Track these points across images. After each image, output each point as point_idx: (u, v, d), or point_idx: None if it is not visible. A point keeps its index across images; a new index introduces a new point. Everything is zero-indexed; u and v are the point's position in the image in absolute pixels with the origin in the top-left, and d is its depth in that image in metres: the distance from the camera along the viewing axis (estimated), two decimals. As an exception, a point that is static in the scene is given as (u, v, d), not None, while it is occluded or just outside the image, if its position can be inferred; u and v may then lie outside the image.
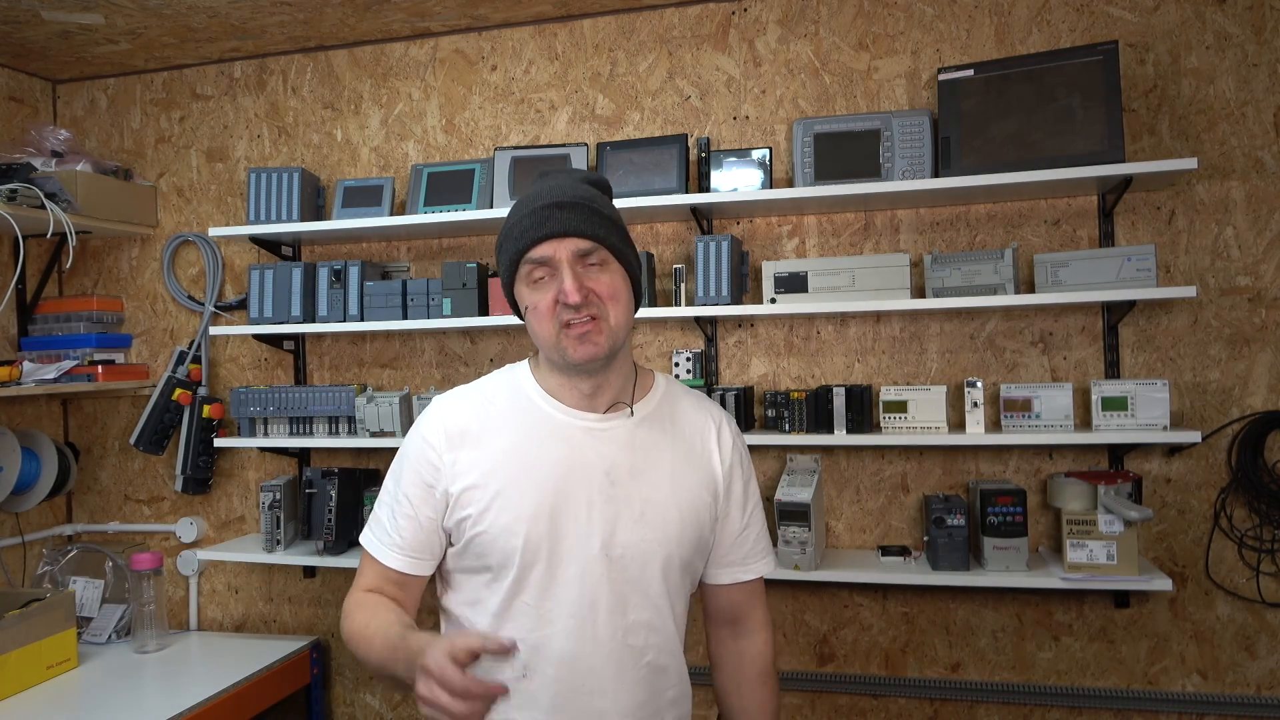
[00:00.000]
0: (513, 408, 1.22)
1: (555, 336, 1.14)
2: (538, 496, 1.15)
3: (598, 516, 1.17)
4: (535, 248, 1.13)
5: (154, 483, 2.88)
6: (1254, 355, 2.13)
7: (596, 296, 1.14)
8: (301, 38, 2.65)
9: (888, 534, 2.34)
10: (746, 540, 1.33)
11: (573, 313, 1.12)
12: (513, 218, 1.17)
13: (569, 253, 1.13)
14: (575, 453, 1.18)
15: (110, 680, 2.29)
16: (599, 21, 2.53)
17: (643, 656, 1.19)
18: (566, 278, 1.11)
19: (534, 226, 1.13)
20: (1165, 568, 2.16)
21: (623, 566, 1.17)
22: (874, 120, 2.21)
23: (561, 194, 1.15)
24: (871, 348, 2.35)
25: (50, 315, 2.79)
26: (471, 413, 1.21)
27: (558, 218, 1.12)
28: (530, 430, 1.20)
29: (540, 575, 1.16)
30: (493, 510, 1.15)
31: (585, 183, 1.20)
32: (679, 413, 1.29)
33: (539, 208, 1.14)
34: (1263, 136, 2.12)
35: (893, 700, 2.33)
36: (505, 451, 1.18)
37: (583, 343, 1.13)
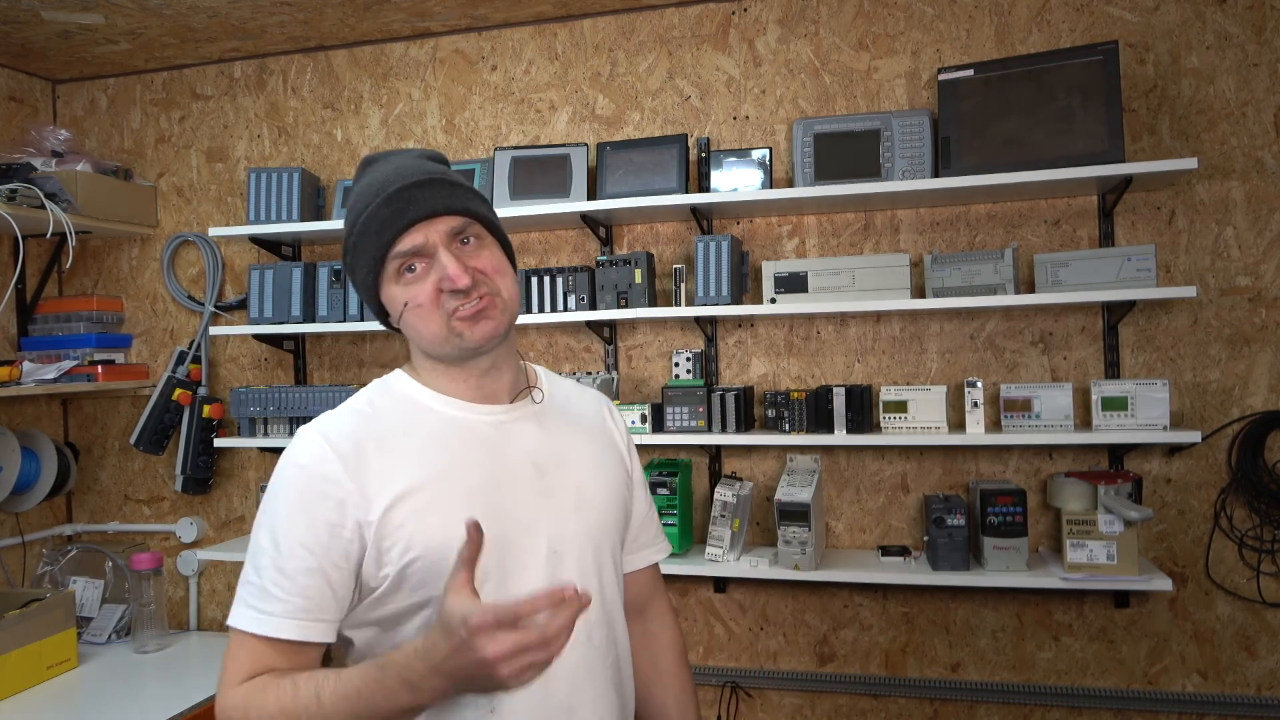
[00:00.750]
0: (406, 418, 1.04)
1: (445, 327, 1.01)
2: (469, 505, 0.98)
3: (537, 513, 1.04)
4: (402, 238, 0.99)
5: (154, 483, 2.88)
6: (1254, 355, 2.13)
7: (483, 274, 1.01)
8: (301, 38, 2.65)
9: (888, 534, 2.34)
10: (651, 521, 1.28)
11: (463, 297, 1.00)
12: (362, 211, 1.01)
13: (442, 234, 1.00)
14: (494, 450, 1.05)
15: (110, 680, 2.29)
16: (599, 21, 2.53)
17: (607, 656, 1.09)
18: (449, 262, 0.98)
19: (395, 214, 0.99)
20: (1165, 568, 2.16)
21: (572, 561, 1.06)
22: (874, 120, 2.21)
23: (413, 173, 1.01)
24: (871, 348, 2.35)
25: (50, 315, 2.79)
26: (359, 429, 1.02)
27: (418, 199, 0.99)
28: (436, 437, 1.03)
29: (493, 591, 0.97)
30: (425, 529, 0.98)
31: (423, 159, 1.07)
32: (568, 395, 1.20)
33: (393, 193, 0.99)
34: (1263, 136, 2.12)
35: (893, 700, 2.33)
36: (417, 461, 1.00)
37: (479, 321, 1.01)
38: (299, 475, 0.99)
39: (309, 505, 0.97)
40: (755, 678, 2.40)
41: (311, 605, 0.96)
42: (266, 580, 0.96)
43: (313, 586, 0.96)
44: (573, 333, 2.54)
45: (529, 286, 2.39)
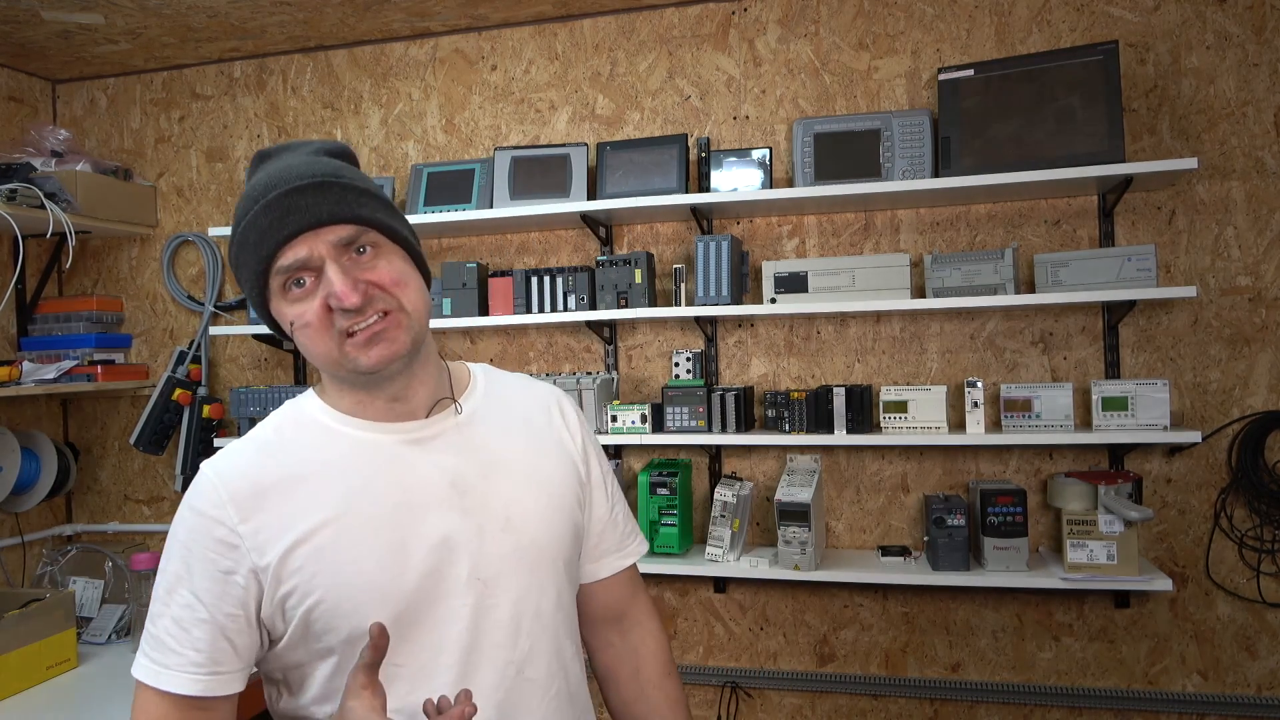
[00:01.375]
0: (309, 443, 0.96)
1: (337, 349, 0.90)
2: (378, 535, 0.91)
3: (456, 537, 0.94)
4: (283, 251, 0.88)
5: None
6: (1254, 355, 2.12)
7: (379, 289, 0.90)
8: (301, 37, 2.65)
9: (888, 534, 2.34)
10: (617, 522, 1.15)
11: (356, 316, 0.89)
12: (242, 218, 0.90)
13: (329, 246, 0.88)
14: (406, 472, 0.95)
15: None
16: (599, 21, 2.53)
17: (549, 688, 0.99)
18: (336, 278, 0.87)
19: (275, 225, 0.87)
20: (1165, 568, 2.16)
21: (502, 587, 0.95)
22: (874, 120, 2.21)
23: (297, 174, 0.89)
24: (871, 348, 2.35)
25: (50, 315, 2.79)
26: (257, 465, 0.94)
27: (302, 206, 0.87)
28: (344, 462, 0.94)
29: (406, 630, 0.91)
30: (326, 570, 0.90)
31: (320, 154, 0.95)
32: (510, 397, 1.08)
33: (274, 199, 0.88)
34: (1263, 136, 2.12)
35: (893, 700, 2.33)
36: (320, 494, 0.92)
37: (374, 344, 0.90)
38: (193, 519, 0.92)
39: (203, 553, 0.91)
40: (755, 678, 2.40)
41: (205, 659, 0.90)
42: (160, 630, 0.91)
43: (204, 639, 0.89)
44: (573, 333, 2.54)
45: (529, 286, 2.39)
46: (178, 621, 0.90)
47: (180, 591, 0.91)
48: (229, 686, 0.92)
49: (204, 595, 0.90)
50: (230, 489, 0.91)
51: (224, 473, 0.93)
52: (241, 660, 0.92)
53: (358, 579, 0.90)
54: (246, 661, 0.93)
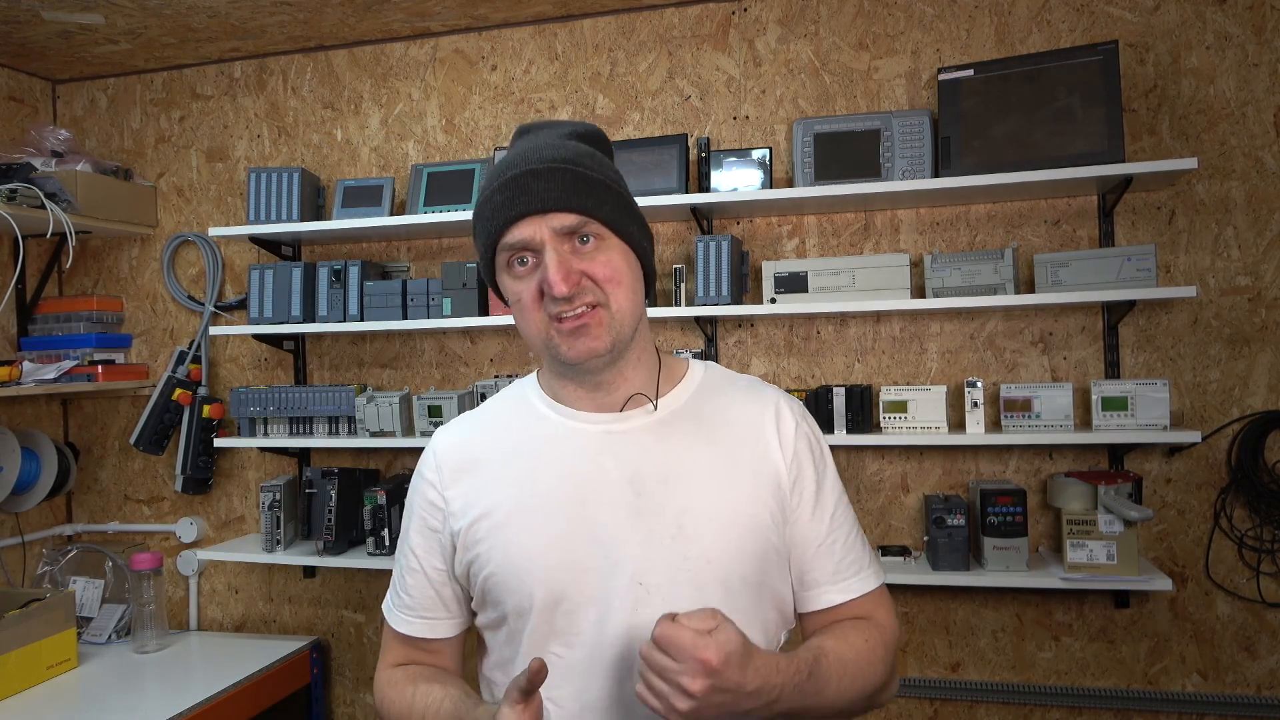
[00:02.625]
0: (516, 423, 1.03)
1: (545, 333, 0.94)
2: (550, 521, 0.95)
3: (624, 537, 0.94)
4: (510, 230, 0.92)
5: (154, 483, 2.88)
6: (1254, 355, 2.13)
7: (592, 281, 0.92)
8: (301, 38, 2.65)
9: (888, 534, 2.34)
10: (831, 552, 1.03)
11: (564, 304, 0.91)
12: (484, 192, 0.95)
13: (551, 232, 0.91)
14: (589, 463, 0.97)
15: (110, 680, 2.29)
16: (599, 21, 2.53)
17: None
18: (552, 265, 0.90)
19: (506, 204, 0.91)
20: (1165, 568, 2.16)
21: (663, 599, 0.92)
22: (874, 120, 2.21)
23: (538, 157, 0.92)
24: (871, 348, 2.35)
25: (50, 315, 2.79)
26: (469, 438, 1.04)
27: (534, 190, 0.90)
28: (536, 445, 1.00)
29: (565, 619, 0.94)
30: (500, 545, 0.96)
31: (572, 137, 0.98)
32: (724, 402, 1.04)
33: (510, 178, 0.92)
34: (1263, 136, 2.12)
35: (893, 700, 2.33)
36: (509, 474, 0.99)
37: (578, 337, 0.92)
38: (416, 481, 1.06)
39: (419, 511, 1.05)
40: (755, 678, 2.40)
41: (417, 604, 1.04)
42: (396, 576, 1.08)
43: (417, 587, 1.04)
44: (573, 333, 2.53)
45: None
46: (403, 571, 1.06)
47: (404, 545, 1.06)
48: (439, 631, 1.05)
49: (418, 549, 1.04)
50: (442, 457, 1.04)
51: (442, 442, 1.06)
52: (449, 611, 1.05)
53: (524, 560, 0.95)
54: (455, 613, 1.05)
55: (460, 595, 1.04)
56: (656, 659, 0.80)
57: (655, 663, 0.80)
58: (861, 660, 0.97)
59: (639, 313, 0.98)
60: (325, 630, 2.73)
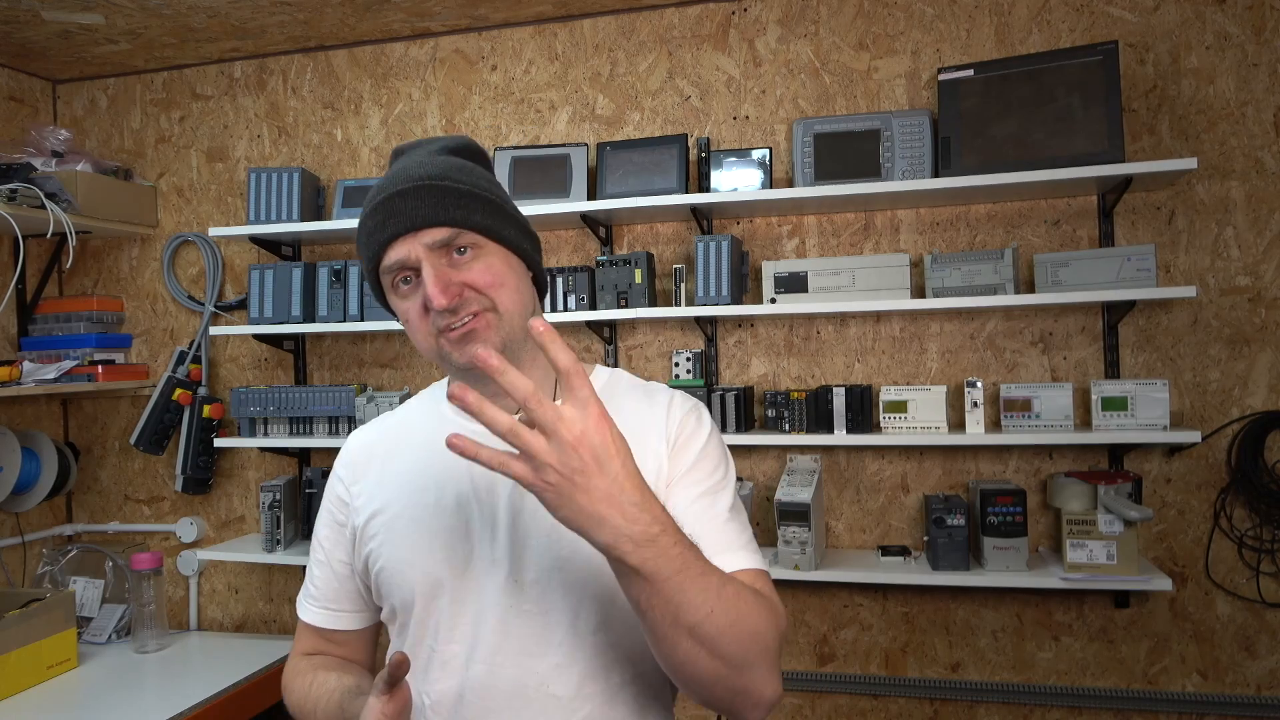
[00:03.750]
0: (422, 424, 1.06)
1: (435, 344, 0.95)
2: (437, 519, 0.98)
3: (504, 537, 0.96)
4: (386, 253, 0.94)
5: (154, 483, 2.88)
6: (1254, 355, 2.13)
7: (473, 290, 0.93)
8: (301, 38, 2.65)
9: (888, 534, 2.34)
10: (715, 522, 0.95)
11: (449, 316, 0.92)
12: (361, 218, 0.98)
13: (424, 249, 0.92)
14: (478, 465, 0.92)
15: (110, 680, 2.29)
16: (599, 21, 2.53)
17: (574, 711, 0.95)
18: (429, 280, 0.91)
19: (379, 227, 0.94)
20: (1165, 568, 2.16)
21: (539, 594, 0.94)
22: (874, 120, 2.21)
23: (404, 178, 0.94)
24: (871, 348, 2.35)
25: (50, 315, 2.79)
26: (379, 437, 1.08)
27: (402, 210, 0.92)
28: (430, 445, 1.01)
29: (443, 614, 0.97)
30: (391, 541, 1.00)
31: (443, 152, 0.99)
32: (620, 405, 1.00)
33: (380, 202, 0.94)
34: (1263, 136, 2.12)
35: (893, 700, 2.33)
36: (406, 472, 1.02)
37: (467, 342, 0.93)
38: (331, 478, 1.10)
39: (329, 507, 1.09)
40: (755, 678, 2.40)
41: (323, 596, 1.08)
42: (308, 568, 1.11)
43: (324, 579, 1.08)
44: (573, 333, 2.54)
45: (529, 286, 2.39)
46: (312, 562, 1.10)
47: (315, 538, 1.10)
48: (347, 623, 1.09)
49: (325, 542, 1.08)
50: (352, 454, 1.09)
51: (353, 441, 1.11)
52: (354, 604, 1.08)
53: (409, 555, 0.99)
54: (360, 605, 1.08)
55: (364, 590, 1.08)
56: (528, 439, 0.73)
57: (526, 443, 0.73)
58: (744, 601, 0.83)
59: (529, 313, 0.98)
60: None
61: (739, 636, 0.81)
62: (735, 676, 0.83)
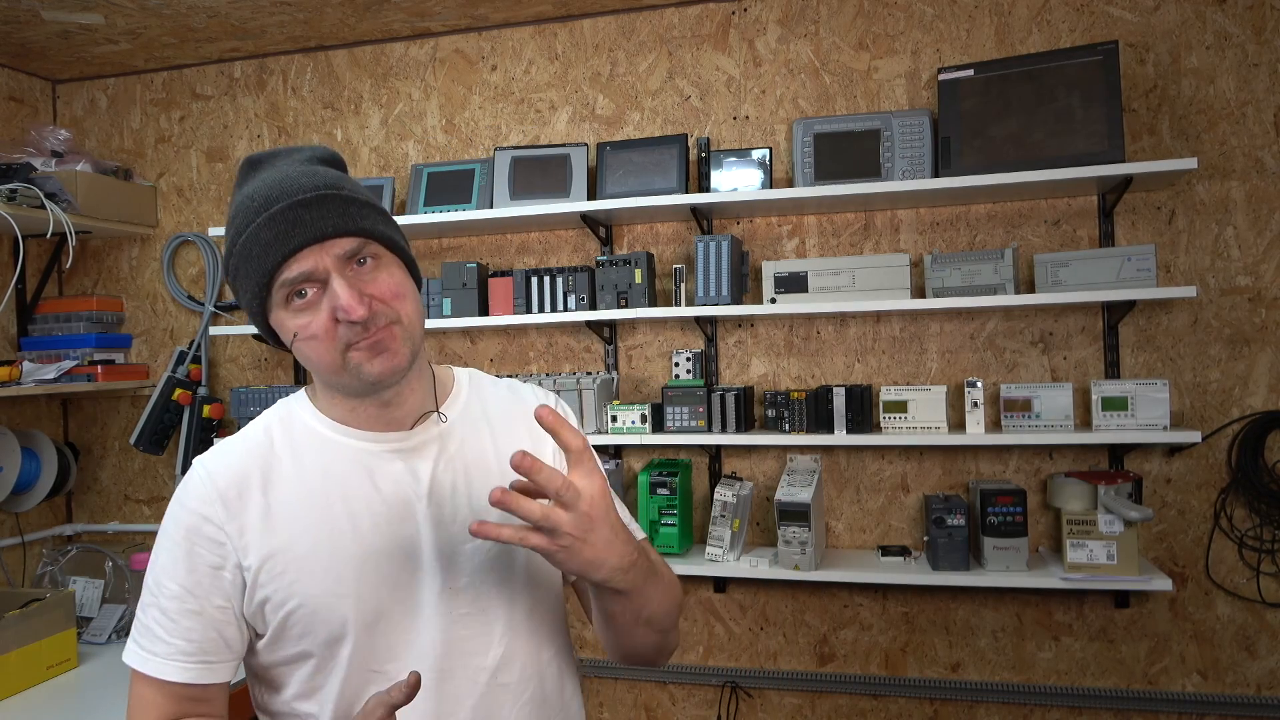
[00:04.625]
0: (298, 449, 0.98)
1: (340, 360, 0.91)
2: (357, 546, 0.94)
3: (431, 549, 0.96)
4: (288, 264, 0.88)
5: (154, 483, 2.88)
6: (1254, 355, 2.13)
7: (381, 302, 0.90)
8: (301, 38, 2.65)
9: (888, 534, 2.34)
10: None
11: (360, 331, 0.89)
12: (243, 230, 0.90)
13: (334, 259, 0.89)
14: (386, 482, 0.97)
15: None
16: (599, 21, 2.53)
17: (521, 694, 1.00)
18: (342, 292, 0.87)
19: (280, 238, 0.87)
20: (1165, 568, 2.16)
21: (473, 596, 0.97)
22: (874, 120, 2.21)
23: (299, 186, 0.89)
24: (871, 348, 2.35)
25: (50, 315, 2.79)
26: (247, 463, 0.96)
27: (306, 219, 0.87)
28: (326, 470, 0.97)
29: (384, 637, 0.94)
30: (305, 578, 0.92)
31: (313, 162, 0.96)
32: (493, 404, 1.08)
33: (277, 212, 0.88)
34: (1263, 136, 2.12)
35: (893, 700, 2.33)
36: (303, 501, 0.95)
37: (378, 354, 0.91)
38: (183, 515, 0.95)
39: (191, 547, 0.93)
40: (755, 678, 2.40)
41: (194, 648, 0.93)
42: (150, 619, 0.94)
43: (195, 629, 0.93)
44: (573, 333, 2.54)
45: (529, 287, 2.39)
46: (166, 613, 0.93)
47: (169, 584, 0.93)
48: (218, 675, 0.95)
49: (194, 588, 0.93)
50: (219, 488, 0.94)
51: (214, 471, 0.95)
52: (231, 651, 0.95)
53: (336, 587, 0.93)
54: (237, 653, 0.96)
55: (241, 636, 0.96)
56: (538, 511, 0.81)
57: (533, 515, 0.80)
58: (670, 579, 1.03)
59: (424, 321, 0.99)
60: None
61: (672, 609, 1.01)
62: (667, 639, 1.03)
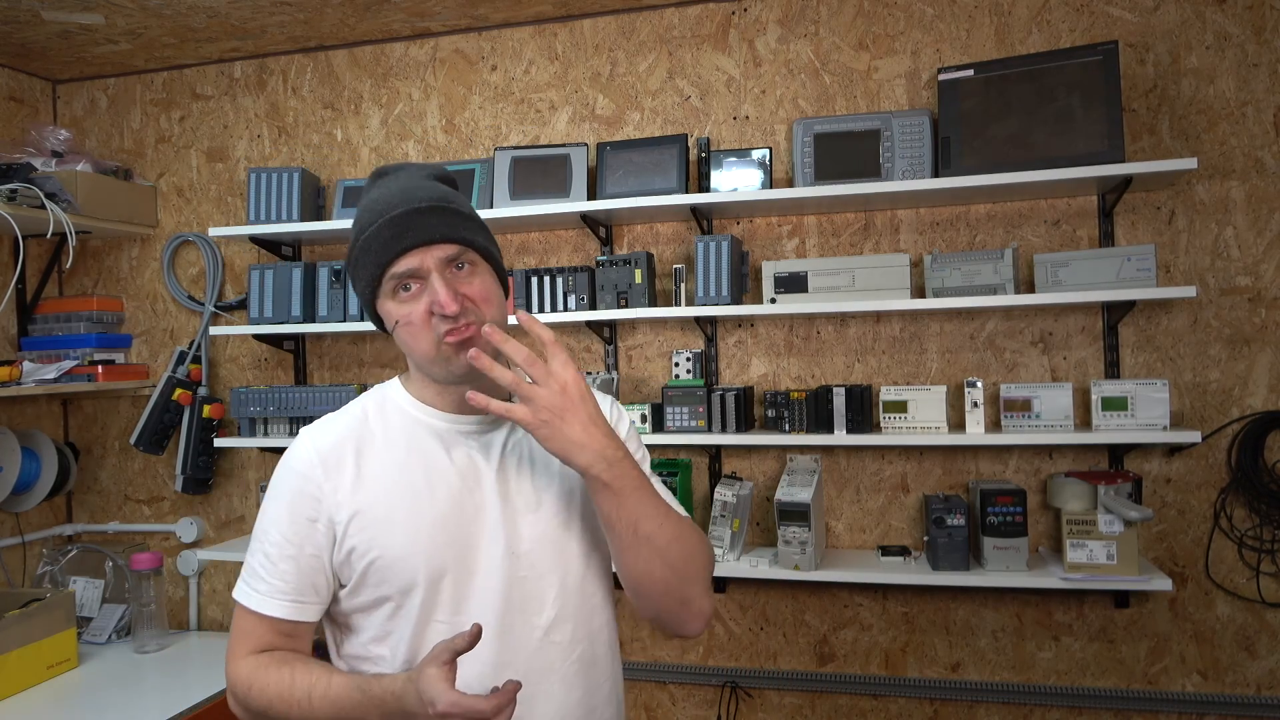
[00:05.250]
0: (389, 425, 1.16)
1: (434, 349, 1.07)
2: (432, 510, 1.10)
3: (496, 517, 1.12)
4: (399, 260, 1.06)
5: (154, 483, 2.88)
6: (1254, 355, 2.13)
7: (471, 302, 1.07)
8: (301, 38, 2.65)
9: (888, 534, 2.34)
10: None
11: (451, 323, 1.06)
12: (365, 229, 1.09)
13: (437, 261, 1.06)
14: (461, 457, 1.14)
15: (110, 680, 2.29)
16: (599, 21, 2.53)
17: (571, 652, 1.15)
18: (440, 288, 1.05)
19: (394, 238, 1.06)
20: (1165, 568, 2.16)
21: (531, 562, 1.13)
22: (874, 120, 2.21)
23: (416, 197, 1.08)
24: (871, 348, 2.35)
25: (50, 315, 2.79)
26: (345, 435, 1.14)
27: (419, 225, 1.06)
28: (412, 443, 1.14)
29: (450, 590, 1.10)
30: (385, 533, 1.09)
31: (432, 179, 1.14)
32: None
33: (396, 216, 1.06)
34: (1263, 136, 2.12)
35: (893, 700, 2.33)
36: (389, 469, 1.12)
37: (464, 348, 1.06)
38: (289, 476, 1.13)
39: (294, 503, 1.11)
40: (755, 678, 2.40)
41: (289, 588, 1.10)
42: (256, 563, 1.12)
43: (291, 573, 1.10)
44: (573, 333, 2.54)
45: (529, 286, 2.39)
46: (269, 557, 1.11)
47: (273, 533, 1.11)
48: (307, 615, 1.12)
49: (293, 538, 1.10)
50: (320, 454, 1.12)
51: (317, 440, 1.14)
52: (319, 596, 1.12)
53: (410, 544, 1.08)
54: (323, 599, 1.13)
55: (328, 584, 1.12)
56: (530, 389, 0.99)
57: None
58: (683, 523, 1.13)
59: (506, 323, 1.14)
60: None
61: (684, 549, 1.10)
62: (681, 586, 1.10)
